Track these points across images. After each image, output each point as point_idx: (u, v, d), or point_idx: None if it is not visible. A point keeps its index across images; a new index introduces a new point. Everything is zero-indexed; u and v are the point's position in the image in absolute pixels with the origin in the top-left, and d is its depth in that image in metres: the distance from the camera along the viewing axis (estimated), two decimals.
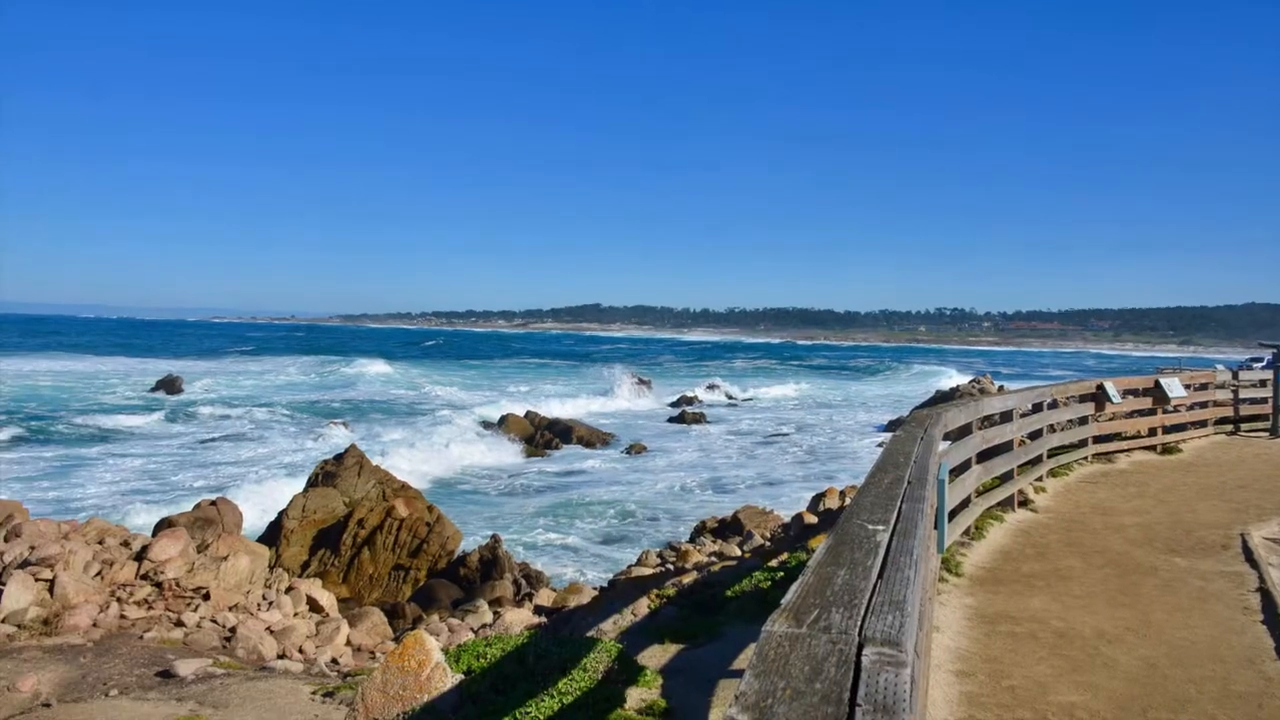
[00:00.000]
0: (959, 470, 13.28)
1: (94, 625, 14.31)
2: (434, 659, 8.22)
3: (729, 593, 12.25)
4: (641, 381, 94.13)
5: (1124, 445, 22.82)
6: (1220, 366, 36.73)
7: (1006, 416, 15.97)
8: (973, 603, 10.86)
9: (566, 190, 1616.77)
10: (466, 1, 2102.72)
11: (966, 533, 13.86)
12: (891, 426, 59.66)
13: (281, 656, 14.57)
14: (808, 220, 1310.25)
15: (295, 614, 17.07)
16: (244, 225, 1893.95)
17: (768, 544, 19.97)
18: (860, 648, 2.76)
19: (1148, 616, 10.41)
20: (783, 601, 3.23)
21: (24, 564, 15.40)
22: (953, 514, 12.68)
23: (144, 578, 16.06)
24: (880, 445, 44.22)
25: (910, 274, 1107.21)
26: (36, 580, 14.93)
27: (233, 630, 14.93)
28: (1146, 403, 23.45)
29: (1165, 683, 8.39)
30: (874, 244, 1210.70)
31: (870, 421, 69.31)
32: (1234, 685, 8.37)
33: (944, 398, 58.43)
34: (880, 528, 4.56)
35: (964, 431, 13.63)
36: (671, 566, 19.54)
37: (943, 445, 11.84)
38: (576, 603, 18.29)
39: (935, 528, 9.48)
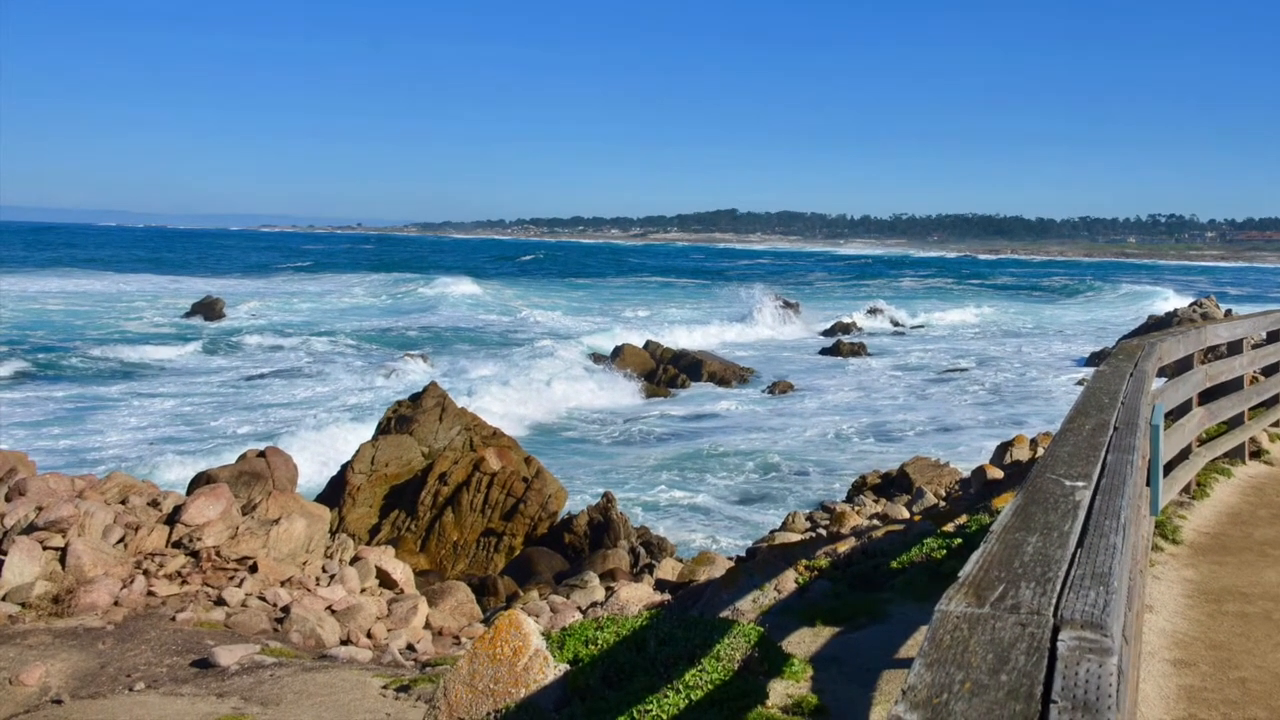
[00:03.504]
0: (1176, 414, 13.15)
1: (115, 604, 14.60)
2: (532, 645, 8.33)
3: (894, 564, 12.29)
4: (787, 305, 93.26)
5: None
6: None
7: (1235, 348, 15.73)
8: (1193, 576, 10.77)
9: (695, 69, 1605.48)
10: None
11: (1186, 490, 13.72)
12: (1094, 360, 59.02)
13: (345, 642, 14.84)
14: (991, 106, 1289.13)
15: (362, 590, 17.34)
16: (301, 113, 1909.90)
17: (942, 504, 19.96)
18: (1055, 631, 2.77)
19: None
20: (960, 575, 3.25)
21: (30, 529, 15.62)
22: (1168, 467, 12.55)
23: (177, 545, 16.36)
24: (1080, 383, 43.88)
25: (1117, 173, 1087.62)
26: (45, 549, 15.20)
27: (285, 610, 15.20)
28: None
29: None
30: (1072, 136, 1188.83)
31: (1068, 354, 68.69)
32: None
33: (1158, 325, 57.78)
34: (1080, 484, 4.55)
35: (1183, 366, 13.47)
36: (824, 531, 19.60)
37: (1157, 383, 11.72)
38: (707, 576, 18.38)
39: (1147, 484, 9.41)
